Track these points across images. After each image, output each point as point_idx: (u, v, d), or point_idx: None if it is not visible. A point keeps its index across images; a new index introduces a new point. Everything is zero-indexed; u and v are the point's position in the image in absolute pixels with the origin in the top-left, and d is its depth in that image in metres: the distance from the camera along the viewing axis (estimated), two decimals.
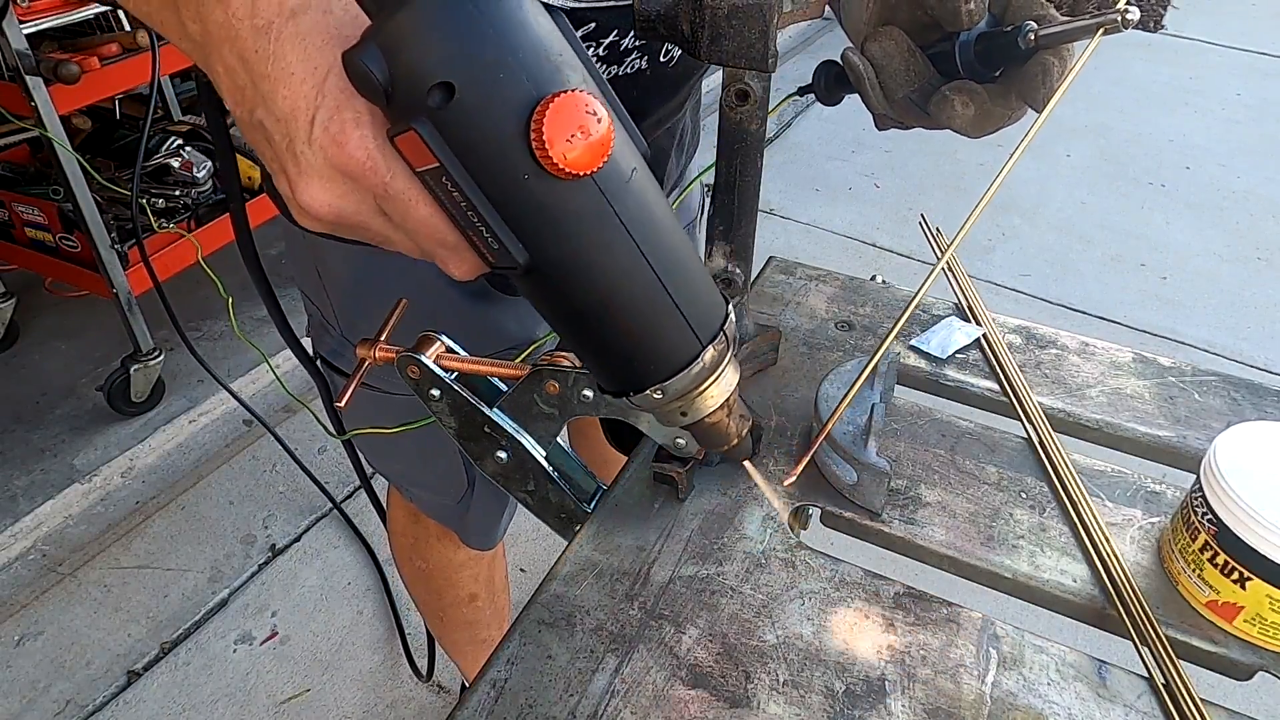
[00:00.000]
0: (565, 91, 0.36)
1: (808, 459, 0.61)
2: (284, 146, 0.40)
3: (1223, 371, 0.74)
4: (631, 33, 0.68)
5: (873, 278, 0.87)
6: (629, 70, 0.71)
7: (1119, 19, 0.54)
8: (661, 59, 0.73)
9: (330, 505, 1.88)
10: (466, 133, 0.37)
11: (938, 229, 0.86)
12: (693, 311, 0.46)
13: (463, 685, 1.58)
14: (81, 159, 1.74)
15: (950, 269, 0.79)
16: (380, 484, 1.15)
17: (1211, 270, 2.73)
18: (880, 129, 0.67)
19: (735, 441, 0.54)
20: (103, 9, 1.82)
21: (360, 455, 1.03)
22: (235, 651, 1.64)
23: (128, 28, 1.85)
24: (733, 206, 0.59)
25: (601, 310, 0.44)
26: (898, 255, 2.78)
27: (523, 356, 0.71)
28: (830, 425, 0.61)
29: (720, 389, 0.49)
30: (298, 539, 1.84)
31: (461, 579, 1.19)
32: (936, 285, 0.70)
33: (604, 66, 0.69)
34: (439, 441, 0.61)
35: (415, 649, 1.62)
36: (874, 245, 2.83)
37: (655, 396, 0.47)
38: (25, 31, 1.62)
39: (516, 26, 0.36)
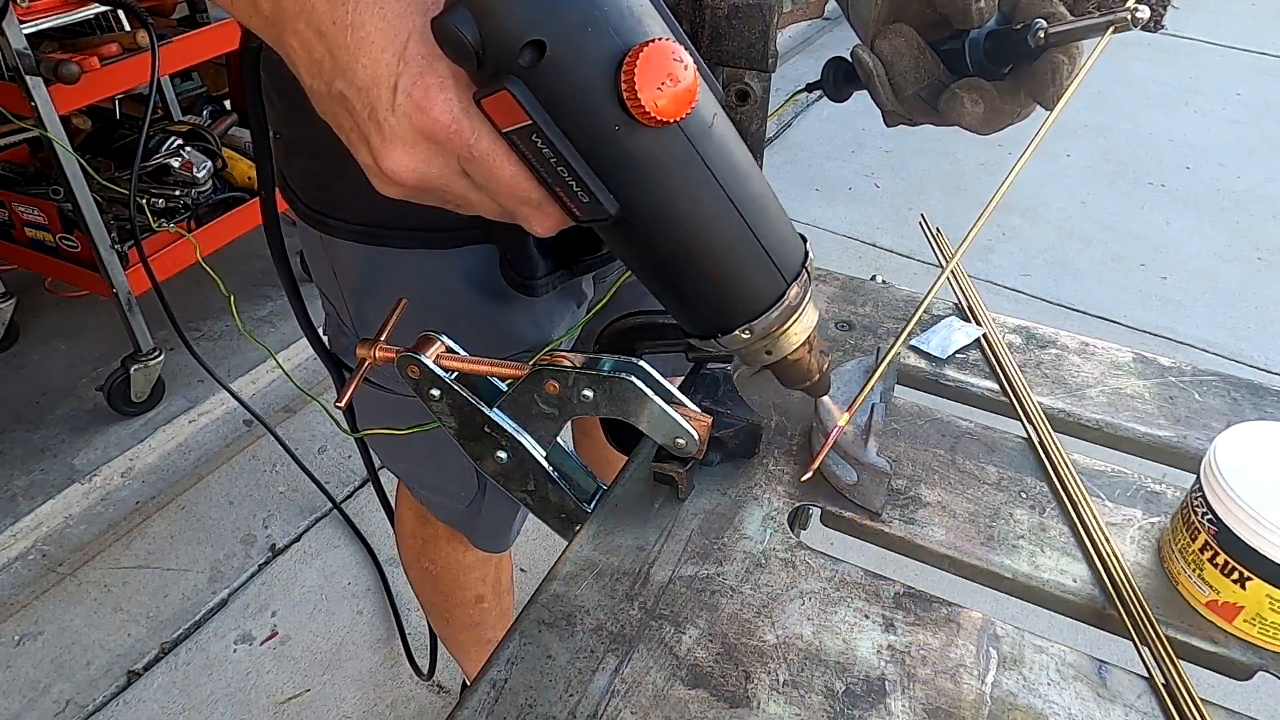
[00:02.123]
0: (652, 41, 0.37)
1: (823, 455, 0.60)
2: (365, 116, 0.41)
3: (1223, 371, 0.74)
4: None
5: (873, 278, 0.87)
6: None
7: (1129, 17, 0.54)
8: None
9: (330, 505, 1.88)
10: (558, 89, 0.38)
11: (938, 229, 0.86)
12: (776, 250, 0.47)
13: (463, 685, 1.58)
14: (81, 159, 1.74)
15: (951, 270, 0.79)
16: (389, 485, 1.14)
17: (1211, 270, 2.73)
18: (889, 126, 0.67)
19: (816, 377, 0.55)
20: (103, 9, 1.81)
21: (372, 454, 1.02)
22: (235, 651, 1.63)
23: (128, 28, 1.85)
24: None
25: (689, 255, 0.45)
26: (898, 255, 2.78)
27: (536, 359, 0.70)
28: (843, 426, 0.60)
29: (803, 325, 0.51)
30: (298, 539, 1.84)
31: (469, 581, 1.19)
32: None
33: None
34: (451, 444, 0.61)
35: (415, 649, 1.62)
36: (874, 245, 2.83)
37: (743, 336, 0.49)
38: (25, 31, 1.62)
39: None
